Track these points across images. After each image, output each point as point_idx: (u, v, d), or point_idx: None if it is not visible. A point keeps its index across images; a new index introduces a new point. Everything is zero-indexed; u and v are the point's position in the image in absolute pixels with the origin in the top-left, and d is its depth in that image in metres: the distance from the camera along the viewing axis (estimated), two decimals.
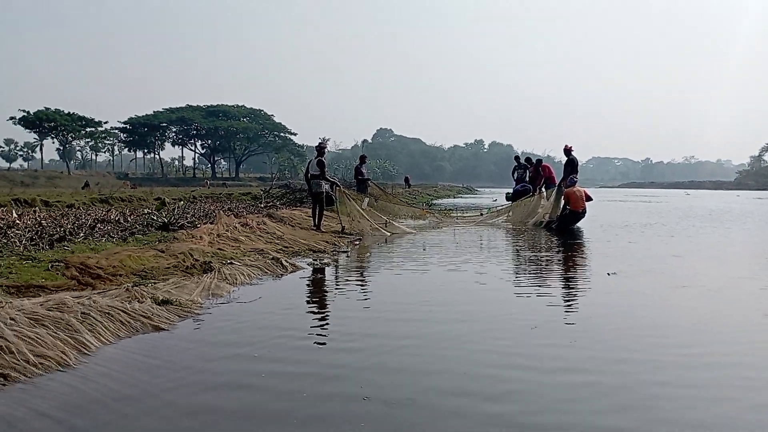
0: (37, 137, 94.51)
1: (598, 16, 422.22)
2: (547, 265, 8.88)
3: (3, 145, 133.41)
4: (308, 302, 6.22)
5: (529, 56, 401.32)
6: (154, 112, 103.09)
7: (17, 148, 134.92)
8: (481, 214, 17.91)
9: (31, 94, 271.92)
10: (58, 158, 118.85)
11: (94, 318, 4.62)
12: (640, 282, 7.37)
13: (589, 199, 14.45)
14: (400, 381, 3.61)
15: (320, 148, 13.12)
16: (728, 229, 15.66)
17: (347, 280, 7.67)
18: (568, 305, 6.04)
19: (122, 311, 4.90)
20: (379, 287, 7.05)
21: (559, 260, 9.65)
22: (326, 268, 8.29)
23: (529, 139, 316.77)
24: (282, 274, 7.63)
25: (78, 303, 4.87)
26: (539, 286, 7.13)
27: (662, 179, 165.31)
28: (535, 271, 8.32)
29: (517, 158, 20.07)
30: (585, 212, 14.30)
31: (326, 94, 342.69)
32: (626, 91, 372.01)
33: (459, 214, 18.88)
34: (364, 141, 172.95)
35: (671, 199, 44.63)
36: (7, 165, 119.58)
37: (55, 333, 4.21)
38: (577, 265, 9.27)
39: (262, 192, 21.71)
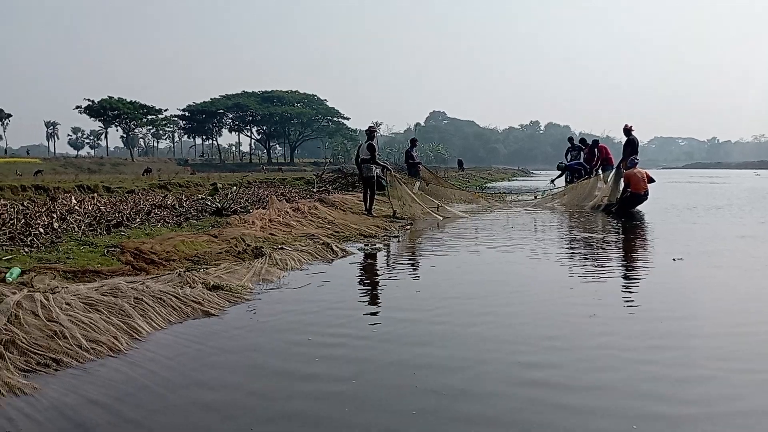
0: (102, 125, 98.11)
1: None
2: (606, 250, 8.53)
3: (71, 133, 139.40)
4: (358, 288, 6.16)
5: (586, 31, 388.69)
6: (211, 99, 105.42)
7: (84, 136, 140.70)
8: (535, 197, 17.46)
9: (96, 83, 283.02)
10: (122, 145, 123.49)
11: (146, 303, 4.68)
12: (709, 268, 6.97)
13: (651, 180, 13.83)
14: (451, 371, 3.48)
15: (370, 132, 13.03)
16: None
17: (398, 265, 7.57)
18: (630, 292, 5.75)
19: (174, 296, 4.95)
20: (431, 272, 6.92)
21: (620, 244, 9.28)
22: (377, 253, 8.21)
23: (587, 119, 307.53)
24: (332, 259, 7.59)
25: (131, 288, 4.94)
26: (598, 271, 6.83)
27: (729, 159, 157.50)
28: (593, 256, 7.99)
29: (570, 139, 19.42)
30: (647, 194, 13.69)
31: (379, 77, 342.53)
32: (690, 65, 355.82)
33: (512, 198, 18.48)
34: (417, 124, 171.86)
35: (739, 179, 42.44)
36: (75, 152, 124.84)
37: (108, 318, 4.28)
38: (639, 249, 8.88)
39: (314, 177, 21.85)
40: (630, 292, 5.74)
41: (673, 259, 7.32)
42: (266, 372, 3.52)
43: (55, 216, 7.51)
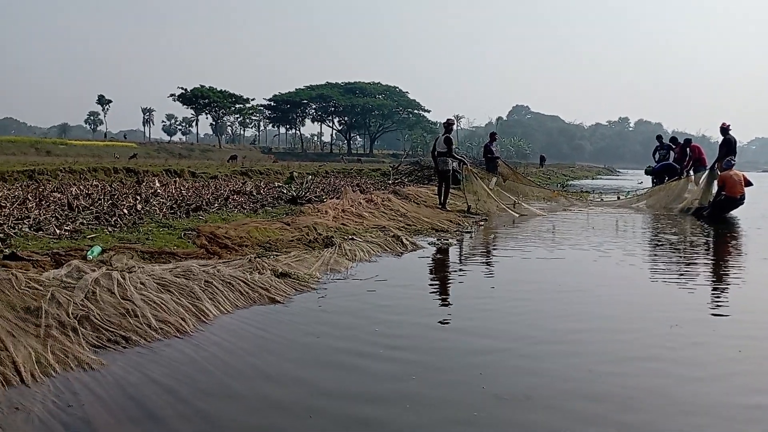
0: (193, 113, 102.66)
1: None
2: (695, 256, 8.00)
3: (165, 119, 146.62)
4: (425, 283, 6.05)
5: (679, 20, 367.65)
6: (296, 89, 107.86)
7: (176, 123, 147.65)
8: (618, 198, 16.68)
9: (189, 73, 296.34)
10: (211, 132, 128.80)
11: (215, 287, 4.77)
12: None
13: (748, 184, 12.87)
14: (514, 376, 3.33)
15: (448, 125, 12.85)
16: None
17: (468, 262, 7.41)
18: (717, 303, 5.33)
19: (242, 281, 5.03)
20: (502, 271, 6.72)
21: (711, 251, 8.68)
22: (447, 248, 8.07)
23: (681, 117, 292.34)
24: (402, 252, 7.52)
25: (203, 271, 5.07)
26: (684, 279, 6.39)
27: None
28: (680, 261, 7.51)
29: (659, 138, 18.40)
30: (743, 198, 12.75)
31: (461, 70, 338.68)
32: None
33: (594, 197, 17.75)
34: (499, 118, 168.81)
35: None
36: (168, 138, 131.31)
37: (179, 299, 4.40)
38: (732, 257, 8.28)
39: (390, 168, 21.87)
40: (719, 304, 5.33)
41: None
42: (321, 363, 3.48)
43: (139, 198, 7.86)
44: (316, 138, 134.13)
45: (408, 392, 3.06)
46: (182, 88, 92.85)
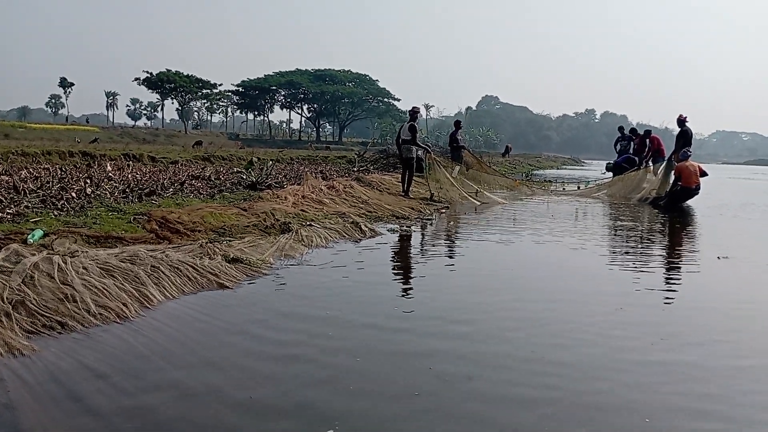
0: (159, 97, 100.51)
1: None
2: (648, 244, 8.19)
3: (129, 104, 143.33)
4: (379, 269, 6.02)
5: (645, 14, 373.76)
6: (264, 75, 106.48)
7: (141, 108, 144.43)
8: (579, 188, 16.92)
9: (156, 56, 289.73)
10: (177, 118, 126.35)
11: (162, 272, 4.67)
12: (755, 269, 6.58)
13: (703, 174, 13.18)
14: (460, 358, 3.34)
15: (413, 113, 12.82)
16: None
17: (425, 248, 7.43)
18: (665, 289, 5.45)
19: (191, 267, 4.94)
20: (458, 257, 6.76)
21: (663, 239, 8.89)
22: (406, 234, 8.07)
23: (645, 109, 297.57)
24: (360, 239, 7.49)
25: (150, 256, 4.96)
26: (636, 266, 6.51)
27: None
28: (633, 250, 7.67)
29: (620, 129, 18.64)
30: (699, 189, 13.06)
31: (432, 60, 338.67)
32: (758, 57, 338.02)
33: (556, 187, 17.98)
34: (468, 108, 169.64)
35: None
36: (133, 123, 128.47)
37: (122, 285, 4.29)
38: (684, 245, 8.48)
39: (356, 156, 21.78)
40: (664, 289, 5.44)
41: (718, 257, 6.94)
42: (262, 351, 3.42)
43: (90, 182, 7.65)
44: (284, 125, 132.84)
45: (352, 375, 3.04)
46: (148, 72, 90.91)
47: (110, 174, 8.23)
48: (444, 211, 11.02)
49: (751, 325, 4.31)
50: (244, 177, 10.07)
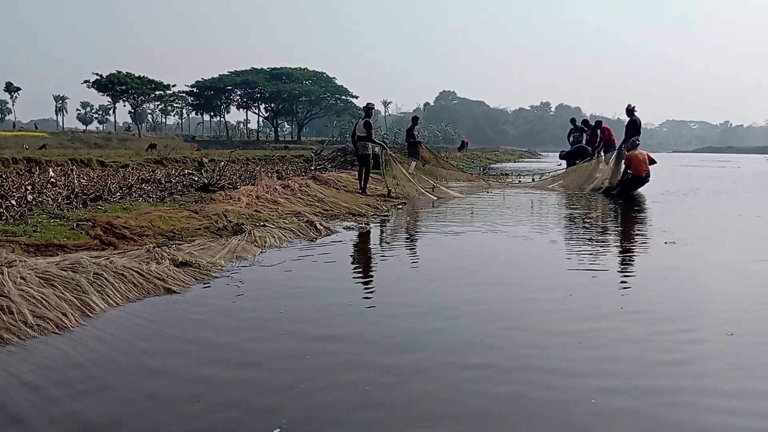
0: (110, 100, 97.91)
1: None
2: (599, 231, 8.39)
3: (79, 107, 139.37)
4: (333, 267, 5.97)
5: (598, 10, 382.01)
6: (219, 75, 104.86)
7: (92, 111, 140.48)
8: (533, 180, 17.19)
9: (106, 58, 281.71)
10: (130, 121, 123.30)
11: (105, 279, 4.53)
12: (700, 252, 6.79)
13: (652, 162, 13.53)
14: (408, 351, 3.32)
15: (367, 109, 12.79)
16: None
17: (380, 245, 7.41)
18: (613, 273, 5.57)
19: (137, 272, 4.81)
20: (414, 252, 6.77)
21: (614, 226, 9.15)
22: (361, 232, 8.03)
23: (599, 101, 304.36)
24: (315, 238, 7.43)
25: (94, 263, 4.80)
26: (588, 252, 6.63)
27: (742, 144, 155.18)
28: (585, 237, 7.85)
29: (572, 121, 19.03)
30: (648, 176, 13.40)
31: (388, 56, 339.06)
32: (703, 47, 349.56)
33: (512, 179, 18.22)
34: (426, 104, 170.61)
35: (750, 164, 41.82)
36: (84, 127, 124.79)
37: (62, 294, 4.14)
38: (633, 231, 8.67)
39: (313, 154, 21.63)
40: (613, 273, 5.55)
41: (665, 242, 7.13)
42: (212, 357, 3.35)
43: (31, 188, 7.37)
44: (242, 125, 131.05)
45: (301, 372, 3.00)
46: (97, 74, 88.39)
47: (53, 179, 7.94)
48: (401, 207, 11.03)
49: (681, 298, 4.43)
50: (196, 179, 9.86)
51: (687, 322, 4.01)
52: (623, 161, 13.73)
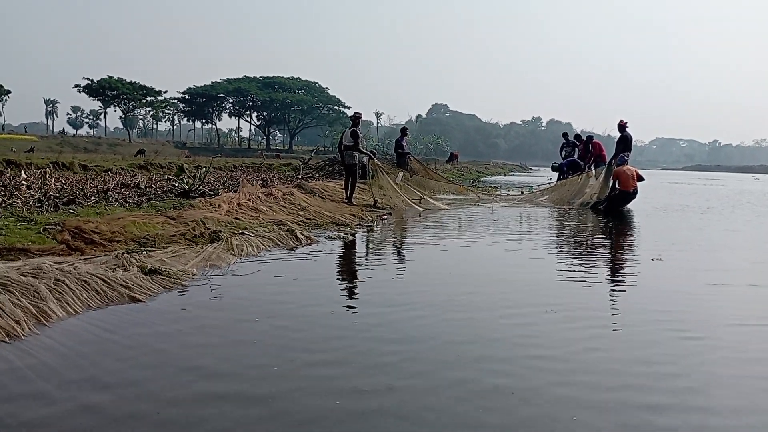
0: (101, 105, 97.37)
1: None
2: (586, 247, 8.27)
3: (70, 112, 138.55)
4: (307, 276, 5.77)
5: (591, 26, 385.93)
6: (212, 82, 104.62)
7: (83, 116, 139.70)
8: (522, 193, 17.08)
9: (98, 62, 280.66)
10: (122, 126, 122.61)
11: (67, 286, 4.32)
12: (686, 270, 6.66)
13: (640, 179, 13.46)
14: (384, 371, 3.14)
15: (355, 119, 12.66)
16: None
17: (361, 256, 7.24)
18: (598, 290, 5.42)
19: (101, 279, 4.60)
20: (396, 266, 6.57)
21: (600, 242, 9.01)
22: (343, 242, 7.85)
23: (589, 117, 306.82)
24: (294, 247, 7.25)
25: (56, 269, 4.59)
26: (573, 267, 6.50)
27: (730, 162, 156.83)
28: (572, 253, 7.73)
29: (565, 135, 19.02)
30: (636, 193, 13.34)
31: (382, 68, 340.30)
32: (694, 66, 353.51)
33: (500, 192, 18.12)
34: (419, 116, 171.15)
35: (738, 183, 42.06)
36: (74, 131, 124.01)
37: (19, 300, 3.92)
38: (620, 247, 8.56)
39: (301, 163, 21.46)
40: (598, 290, 5.40)
41: (652, 259, 7.01)
42: (173, 369, 3.15)
43: (3, 190, 7.13)
44: (234, 133, 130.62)
45: (263, 391, 2.81)
46: (88, 79, 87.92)
47: (24, 182, 7.71)
48: (386, 217, 10.86)
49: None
50: (177, 185, 9.63)
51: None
52: (612, 177, 13.66)
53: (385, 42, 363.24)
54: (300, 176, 17.32)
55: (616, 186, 13.19)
